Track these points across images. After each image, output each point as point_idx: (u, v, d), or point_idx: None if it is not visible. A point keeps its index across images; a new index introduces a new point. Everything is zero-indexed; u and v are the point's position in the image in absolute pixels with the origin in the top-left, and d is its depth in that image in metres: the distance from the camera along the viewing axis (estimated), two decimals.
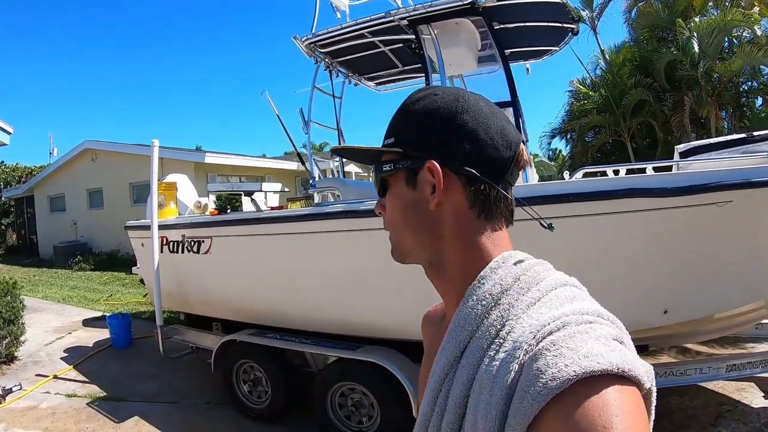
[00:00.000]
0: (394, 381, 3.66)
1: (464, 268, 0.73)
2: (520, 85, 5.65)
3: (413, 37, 4.84)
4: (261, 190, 5.10)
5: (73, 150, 18.06)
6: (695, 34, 12.41)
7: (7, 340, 6.26)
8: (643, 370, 0.57)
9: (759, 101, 14.18)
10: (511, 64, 5.22)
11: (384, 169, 0.78)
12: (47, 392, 5.51)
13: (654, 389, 0.59)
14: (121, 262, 16.00)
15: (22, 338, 6.55)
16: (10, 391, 5.36)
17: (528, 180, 4.42)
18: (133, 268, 7.77)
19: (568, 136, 18.71)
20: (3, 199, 23.06)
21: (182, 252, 5.01)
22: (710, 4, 13.70)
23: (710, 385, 4.52)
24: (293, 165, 17.54)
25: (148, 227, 5.45)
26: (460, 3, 4.39)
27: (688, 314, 3.35)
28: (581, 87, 16.68)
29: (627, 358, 0.55)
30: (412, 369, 3.67)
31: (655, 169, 4.38)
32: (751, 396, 4.44)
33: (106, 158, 17.21)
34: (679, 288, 3.28)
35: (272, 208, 4.69)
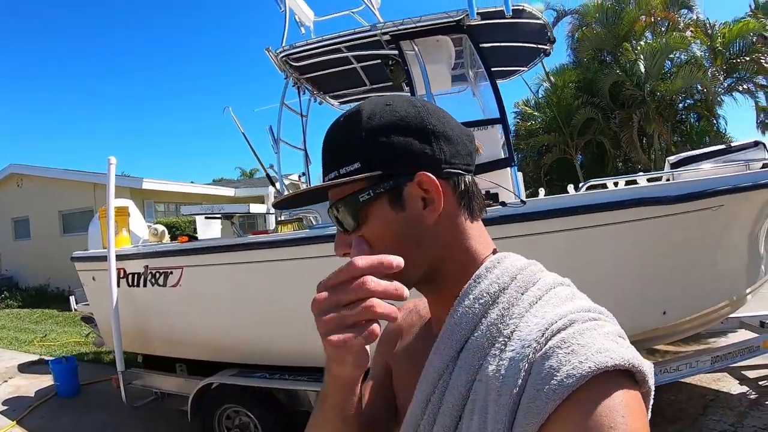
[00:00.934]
0: None
1: (459, 271, 0.72)
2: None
3: (392, 52, 4.80)
4: (248, 212, 4.53)
5: None
6: (642, 56, 13.13)
7: None
8: (647, 366, 0.58)
9: (693, 118, 15.12)
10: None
11: (361, 199, 0.69)
12: None
13: (653, 387, 0.59)
14: (51, 297, 15.01)
15: None
16: None
17: None
18: (77, 305, 6.95)
19: (518, 156, 18.95)
20: None
21: (144, 285, 4.43)
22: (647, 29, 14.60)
23: (689, 380, 4.70)
24: (230, 191, 17.58)
25: (99, 258, 4.89)
26: (448, 20, 4.35)
27: (683, 314, 3.58)
28: (527, 108, 17.06)
29: (636, 355, 0.56)
30: None
31: (648, 179, 4.57)
32: (728, 384, 4.82)
33: (33, 184, 16.12)
34: (675, 289, 3.51)
35: (254, 233, 4.20)
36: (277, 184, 4.88)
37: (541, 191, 5.23)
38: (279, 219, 4.33)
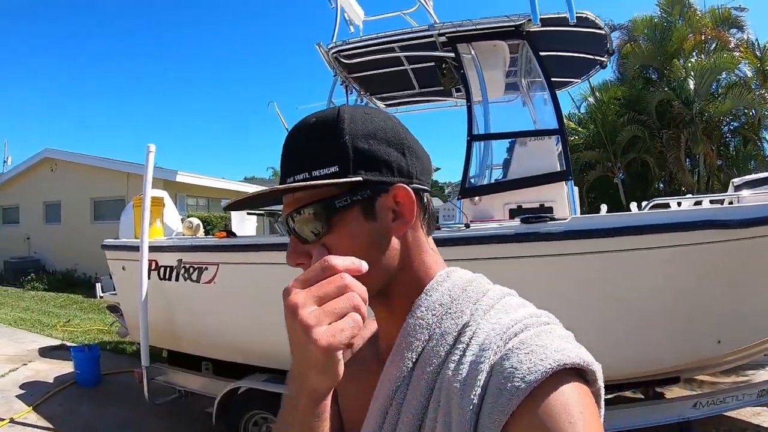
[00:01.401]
0: None
1: (413, 284, 0.72)
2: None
3: (448, 55, 4.74)
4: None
5: (31, 158, 16.95)
6: (691, 75, 12.82)
7: None
8: (598, 366, 0.60)
9: (738, 141, 14.68)
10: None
11: (338, 205, 0.66)
12: None
13: (602, 387, 0.61)
14: (77, 283, 15.04)
15: None
16: None
17: None
18: (104, 294, 6.84)
19: None
20: None
21: (176, 279, 4.26)
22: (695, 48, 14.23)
23: (730, 413, 4.40)
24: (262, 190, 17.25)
25: (130, 248, 4.75)
26: (508, 24, 4.28)
27: (737, 343, 3.35)
28: (569, 123, 16.70)
29: (589, 355, 0.59)
30: None
31: (711, 201, 4.24)
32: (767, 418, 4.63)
33: (67, 170, 16.15)
34: (732, 317, 3.26)
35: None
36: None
37: (603, 208, 4.97)
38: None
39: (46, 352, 7.65)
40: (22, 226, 17.49)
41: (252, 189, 17.64)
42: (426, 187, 0.72)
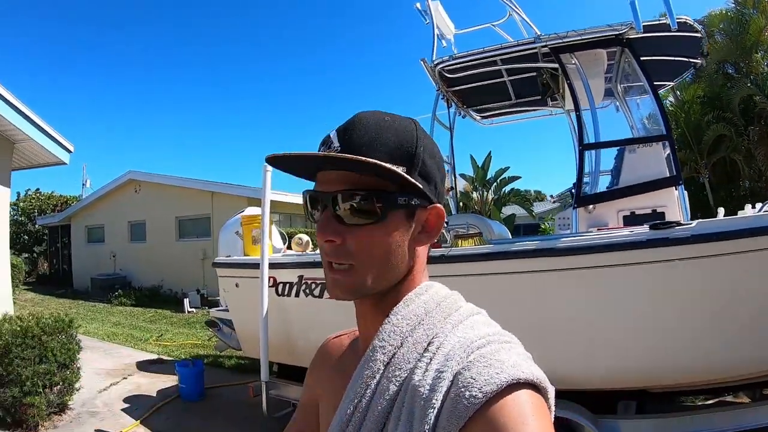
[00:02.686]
0: None
1: (401, 295, 0.76)
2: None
3: (549, 65, 4.90)
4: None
5: (115, 180, 17.74)
6: None
7: (59, 386, 5.24)
8: (551, 386, 0.65)
9: None
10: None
11: (399, 201, 0.72)
12: None
13: (553, 408, 0.65)
14: (164, 298, 15.61)
15: (76, 385, 5.53)
16: None
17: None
18: (212, 310, 6.99)
19: None
20: (37, 226, 22.69)
21: (297, 295, 4.30)
22: None
23: None
24: None
25: (246, 265, 4.85)
26: (611, 33, 4.38)
27: None
28: None
29: (542, 373, 0.64)
30: (594, 420, 3.44)
31: None
32: None
33: (150, 190, 16.87)
34: None
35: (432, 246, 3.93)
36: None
37: (721, 211, 4.80)
38: (457, 234, 4.04)
39: (144, 366, 7.82)
40: (107, 245, 18.24)
41: None
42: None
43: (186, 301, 13.76)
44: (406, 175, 0.70)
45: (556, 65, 4.74)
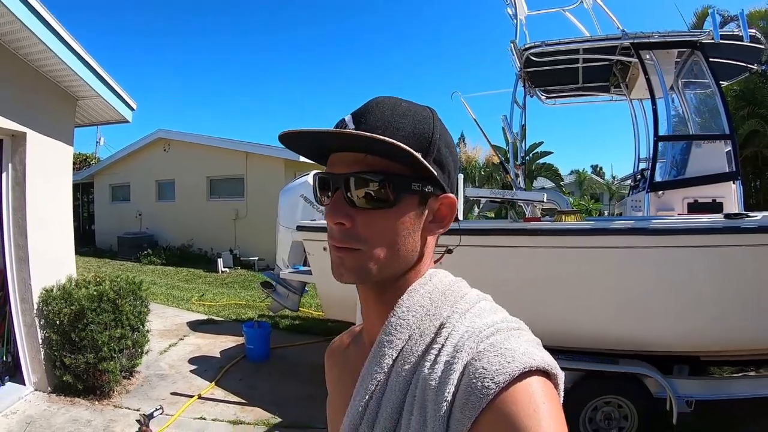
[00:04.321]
0: (646, 390, 4.08)
1: (407, 284, 0.75)
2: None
3: (626, 59, 5.42)
4: (542, 201, 4.69)
5: (143, 138, 17.49)
6: None
7: (129, 350, 5.30)
8: (560, 372, 0.65)
9: None
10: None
11: (413, 186, 0.71)
12: (201, 418, 4.72)
13: (562, 393, 0.66)
14: (194, 257, 15.77)
15: (145, 348, 5.64)
16: (151, 416, 4.24)
17: None
18: (266, 273, 7.21)
19: None
20: None
21: None
22: None
23: None
24: None
25: None
26: (690, 38, 4.93)
27: None
28: None
29: (553, 360, 0.64)
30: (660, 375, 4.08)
31: None
32: None
33: (180, 149, 16.72)
34: None
35: (526, 219, 4.41)
36: (511, 172, 5.32)
37: None
38: (559, 209, 4.61)
39: (195, 327, 8.03)
40: (133, 203, 18.32)
41: None
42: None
43: (220, 261, 13.96)
44: (422, 159, 0.69)
45: (632, 59, 5.22)
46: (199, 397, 5.22)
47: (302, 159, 14.21)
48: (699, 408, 4.00)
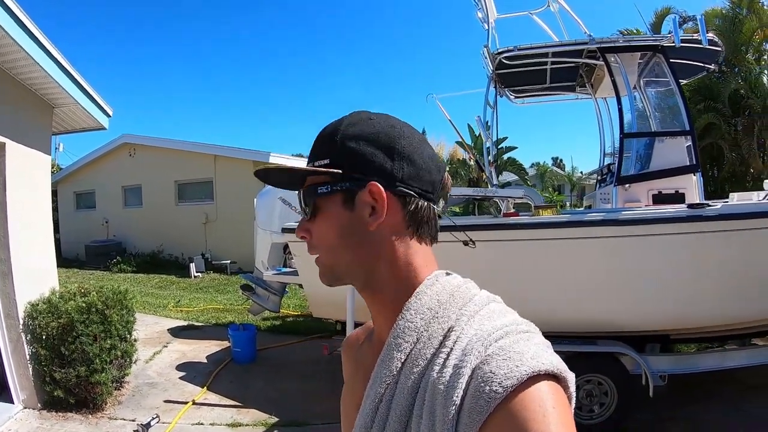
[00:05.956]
0: (623, 368, 4.45)
1: (399, 285, 0.76)
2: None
3: (592, 62, 5.73)
4: (521, 197, 5.04)
5: (108, 144, 17.18)
6: (765, 71, 13.77)
7: (118, 360, 5.24)
8: (570, 375, 0.65)
9: None
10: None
11: (320, 191, 0.77)
12: (199, 423, 4.76)
13: (574, 395, 0.66)
14: (165, 263, 15.59)
15: (134, 357, 5.60)
16: (149, 426, 4.42)
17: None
18: (245, 276, 7.25)
19: None
20: None
21: None
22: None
23: None
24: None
25: None
26: (653, 42, 5.33)
27: None
28: None
29: (562, 363, 0.64)
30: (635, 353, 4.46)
31: None
32: None
33: (146, 154, 16.51)
34: None
35: (505, 215, 4.66)
36: (486, 169, 5.50)
37: (734, 196, 5.50)
38: (537, 204, 4.93)
39: (177, 333, 7.99)
40: (98, 211, 17.98)
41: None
42: (413, 192, 0.76)
43: (192, 266, 13.85)
44: (299, 167, 0.76)
45: (598, 61, 5.54)
46: (194, 402, 5.24)
47: (271, 160, 14.28)
48: (669, 381, 4.43)
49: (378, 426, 0.70)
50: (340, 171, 0.75)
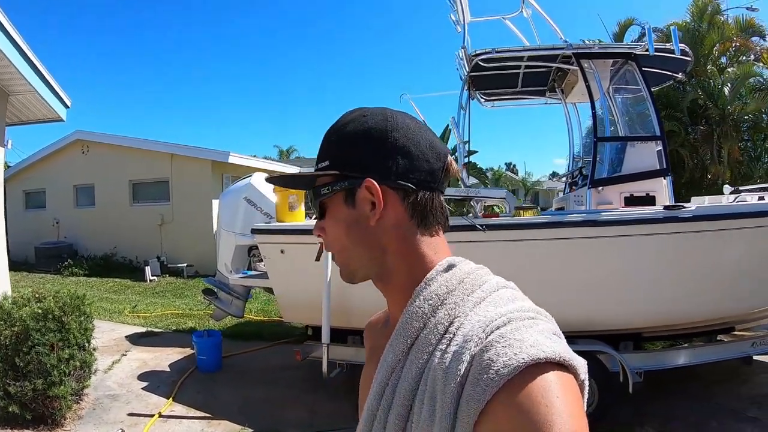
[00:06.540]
0: (602, 366, 4.54)
1: (408, 274, 0.78)
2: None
3: (566, 66, 5.85)
4: (504, 198, 4.93)
5: (60, 141, 16.34)
6: (728, 83, 14.26)
7: (77, 371, 4.81)
8: (579, 362, 0.64)
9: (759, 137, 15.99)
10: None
11: (322, 192, 0.80)
12: None
13: (587, 382, 0.66)
14: (119, 267, 14.99)
15: (93, 367, 5.14)
16: None
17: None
18: (206, 279, 6.99)
19: None
20: None
21: None
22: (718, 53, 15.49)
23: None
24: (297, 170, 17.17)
25: (293, 231, 5.11)
26: (626, 49, 5.59)
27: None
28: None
29: (567, 349, 0.63)
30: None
31: None
32: None
33: (100, 151, 15.74)
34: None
35: (484, 216, 4.68)
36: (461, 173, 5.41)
37: (705, 199, 5.84)
38: (517, 206, 4.92)
39: (136, 340, 7.62)
40: (49, 211, 17.07)
41: (288, 169, 17.65)
42: (411, 184, 0.77)
43: (147, 270, 13.34)
44: (306, 173, 0.82)
45: (572, 66, 5.68)
46: (160, 415, 4.94)
47: (230, 160, 13.96)
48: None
49: (383, 409, 0.71)
50: (336, 172, 0.78)
